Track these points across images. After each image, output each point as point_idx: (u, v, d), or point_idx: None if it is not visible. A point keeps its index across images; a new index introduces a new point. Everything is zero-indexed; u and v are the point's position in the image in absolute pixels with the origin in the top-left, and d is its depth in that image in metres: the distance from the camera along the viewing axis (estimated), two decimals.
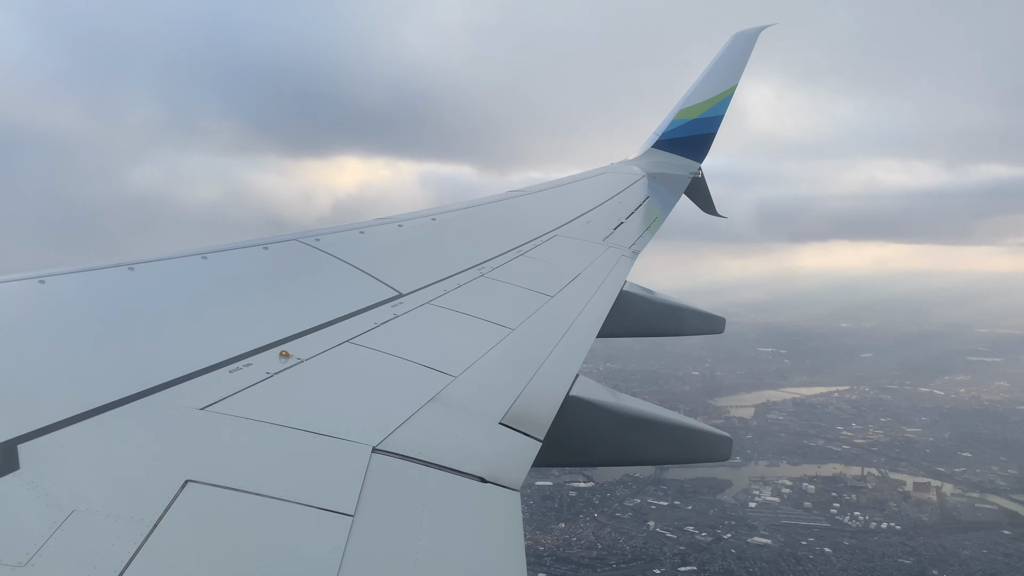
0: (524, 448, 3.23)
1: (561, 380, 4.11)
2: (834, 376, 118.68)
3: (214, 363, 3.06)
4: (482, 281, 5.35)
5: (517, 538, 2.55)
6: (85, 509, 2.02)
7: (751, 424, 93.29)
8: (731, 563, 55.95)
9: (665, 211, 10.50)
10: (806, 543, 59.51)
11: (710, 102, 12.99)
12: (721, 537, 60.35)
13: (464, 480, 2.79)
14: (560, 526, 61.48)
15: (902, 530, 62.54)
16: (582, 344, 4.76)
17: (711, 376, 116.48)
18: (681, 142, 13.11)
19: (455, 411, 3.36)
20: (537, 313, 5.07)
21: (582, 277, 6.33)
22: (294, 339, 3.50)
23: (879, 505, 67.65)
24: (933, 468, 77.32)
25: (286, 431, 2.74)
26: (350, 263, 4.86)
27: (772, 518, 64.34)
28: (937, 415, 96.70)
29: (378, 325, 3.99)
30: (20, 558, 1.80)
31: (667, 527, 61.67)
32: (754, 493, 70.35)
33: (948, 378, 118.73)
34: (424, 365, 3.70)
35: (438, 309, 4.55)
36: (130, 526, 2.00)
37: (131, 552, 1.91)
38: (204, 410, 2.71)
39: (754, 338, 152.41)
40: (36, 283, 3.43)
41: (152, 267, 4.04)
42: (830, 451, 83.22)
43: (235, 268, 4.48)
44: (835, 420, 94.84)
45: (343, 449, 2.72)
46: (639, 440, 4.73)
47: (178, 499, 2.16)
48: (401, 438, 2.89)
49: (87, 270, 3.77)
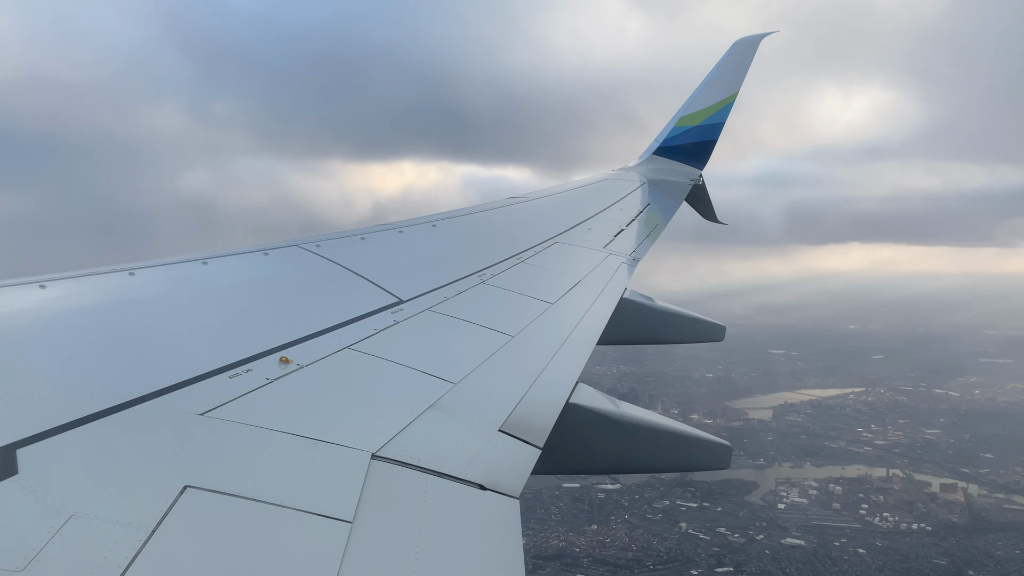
0: (523, 455, 3.22)
1: (561, 387, 4.09)
2: (848, 378, 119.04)
3: (214, 369, 3.05)
4: (482, 288, 5.33)
5: (516, 546, 2.55)
6: (83, 514, 2.01)
7: (771, 426, 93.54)
8: (767, 564, 56.09)
9: (666, 218, 10.45)
10: (839, 544, 59.71)
11: (711, 109, 12.97)
12: (754, 538, 60.50)
13: (463, 487, 2.78)
14: (592, 528, 61.60)
15: (933, 531, 62.75)
16: (582, 352, 4.75)
17: (726, 379, 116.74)
18: (682, 149, 13.08)
19: (455, 418, 3.34)
20: (537, 320, 5.06)
21: (582, 284, 6.33)
22: (294, 345, 3.49)
23: (907, 506, 67.86)
24: (957, 469, 77.56)
25: (285, 437, 2.72)
26: (350, 269, 4.85)
27: (803, 519, 64.52)
28: (955, 417, 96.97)
29: (378, 331, 3.97)
30: (18, 563, 1.79)
31: (699, 528, 61.83)
32: (782, 494, 70.53)
33: (962, 380, 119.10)
34: (424, 372, 3.69)
35: (438, 316, 4.53)
36: (129, 531, 1.98)
37: (129, 557, 1.90)
38: (204, 416, 2.70)
39: (764, 340, 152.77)
40: (37, 288, 3.41)
41: (152, 272, 4.00)
42: (852, 453, 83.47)
43: (235, 274, 4.47)
44: (854, 422, 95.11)
45: (342, 455, 2.71)
46: (639, 448, 4.71)
47: (177, 505, 2.15)
48: (400, 445, 2.88)
49: (88, 275, 3.74)
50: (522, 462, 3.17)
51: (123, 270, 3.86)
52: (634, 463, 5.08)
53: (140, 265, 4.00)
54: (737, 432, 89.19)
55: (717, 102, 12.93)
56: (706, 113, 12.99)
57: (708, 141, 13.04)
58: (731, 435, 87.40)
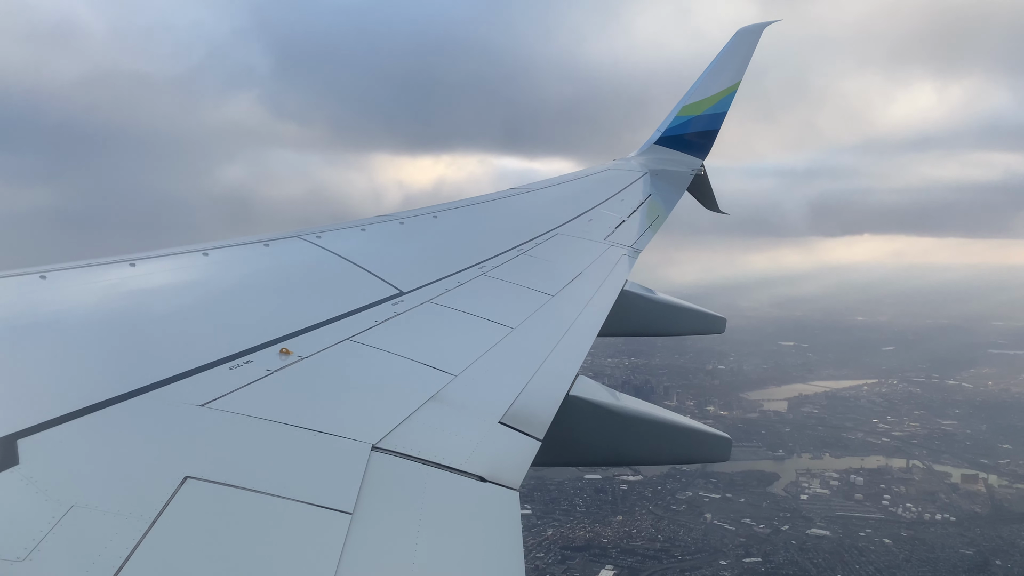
0: (523, 447, 3.23)
1: (561, 379, 4.10)
2: (860, 370, 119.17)
3: (215, 360, 3.06)
4: (483, 279, 5.33)
5: (516, 538, 2.55)
6: (84, 504, 2.02)
7: (787, 417, 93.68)
8: (794, 554, 56.29)
9: (667, 209, 10.45)
10: (864, 534, 59.88)
11: (713, 99, 12.87)
12: (779, 529, 60.67)
13: (463, 479, 2.78)
14: (618, 519, 61.74)
15: (957, 521, 62.94)
16: (582, 344, 4.76)
17: (739, 370, 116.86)
18: (684, 139, 13.00)
19: (455, 410, 3.35)
20: (538, 312, 5.05)
21: (583, 276, 6.32)
22: (295, 336, 3.51)
23: (929, 497, 68.05)
24: (976, 460, 77.73)
25: (286, 428, 2.73)
26: (351, 260, 4.85)
27: (826, 510, 64.71)
28: (970, 408, 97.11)
29: (379, 323, 3.98)
30: (19, 553, 1.80)
31: (724, 519, 62.00)
32: (803, 485, 70.70)
33: (974, 371, 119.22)
34: (424, 363, 3.69)
35: (439, 307, 4.54)
36: (129, 522, 1.99)
37: (130, 548, 1.91)
38: (204, 407, 2.70)
39: (773, 332, 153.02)
40: (37, 279, 3.41)
41: (153, 263, 4.00)
42: (870, 444, 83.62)
43: (236, 265, 4.47)
44: (869, 413, 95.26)
45: (343, 447, 2.72)
46: (639, 440, 4.72)
47: (177, 495, 2.15)
48: (401, 436, 2.89)
49: (88, 266, 3.74)
50: (522, 454, 3.17)
51: (124, 261, 3.85)
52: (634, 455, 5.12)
53: (141, 256, 3.99)
54: (754, 424, 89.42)
55: (719, 92, 12.84)
56: (708, 103, 12.91)
57: (710, 131, 12.97)
58: (748, 427, 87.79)
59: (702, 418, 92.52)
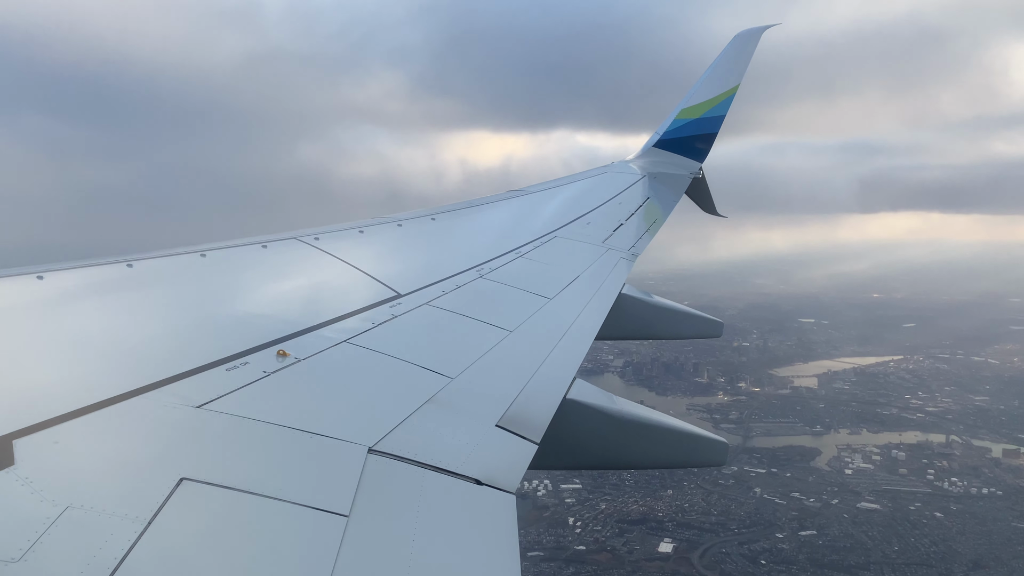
0: (520, 451, 3.23)
1: (558, 383, 4.11)
2: (884, 346, 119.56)
3: (211, 361, 3.07)
4: (481, 282, 5.35)
5: (512, 541, 2.55)
6: (80, 505, 2.02)
7: (819, 394, 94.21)
8: (847, 527, 56.87)
9: (665, 212, 10.46)
10: (914, 508, 60.45)
11: (712, 102, 12.86)
12: (829, 503, 61.23)
13: (460, 482, 2.79)
14: (668, 493, 62.31)
15: (1004, 495, 63.45)
16: (580, 347, 4.77)
17: (764, 347, 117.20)
18: (682, 142, 12.99)
19: (452, 413, 3.36)
20: (535, 315, 5.06)
21: (581, 279, 6.32)
22: (292, 338, 3.52)
23: (973, 471, 68.53)
24: (1014, 435, 78.17)
25: (282, 430, 2.74)
26: (349, 263, 4.86)
27: (872, 484, 65.24)
28: (1000, 384, 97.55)
29: (376, 325, 3.98)
30: (14, 554, 1.80)
31: (774, 494, 62.55)
32: (846, 460, 71.21)
33: (998, 347, 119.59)
34: (421, 366, 3.70)
35: (436, 310, 4.55)
36: (125, 523, 2.00)
37: (125, 549, 1.91)
38: (200, 408, 2.70)
39: (791, 310, 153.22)
40: (34, 279, 3.41)
41: (150, 264, 4.00)
42: (906, 419, 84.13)
43: (233, 266, 4.46)
44: (901, 389, 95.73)
45: (339, 449, 2.72)
46: (635, 444, 4.77)
47: (173, 497, 2.16)
48: (397, 439, 2.90)
49: (85, 266, 3.74)
50: (519, 457, 3.18)
51: (121, 261, 3.85)
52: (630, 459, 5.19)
53: (138, 257, 3.98)
54: (788, 400, 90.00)
55: (718, 95, 12.82)
56: (707, 106, 12.86)
57: (709, 134, 12.94)
58: (782, 403, 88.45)
59: (735, 395, 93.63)
